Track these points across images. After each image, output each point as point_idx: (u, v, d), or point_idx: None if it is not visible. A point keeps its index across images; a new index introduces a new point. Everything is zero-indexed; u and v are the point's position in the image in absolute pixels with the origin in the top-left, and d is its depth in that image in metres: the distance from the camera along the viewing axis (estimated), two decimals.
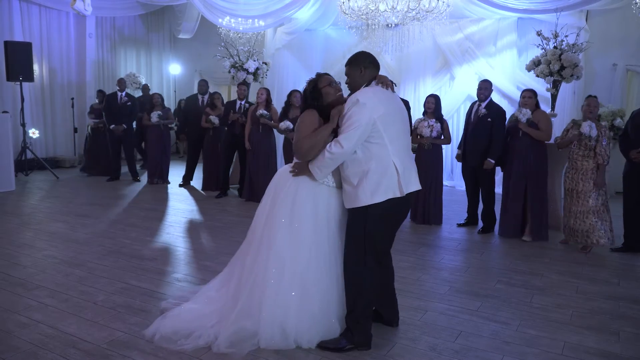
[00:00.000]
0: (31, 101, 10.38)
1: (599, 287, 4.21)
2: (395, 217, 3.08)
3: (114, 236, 5.54)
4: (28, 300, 3.71)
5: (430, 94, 6.38)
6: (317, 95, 3.13)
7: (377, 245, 2.99)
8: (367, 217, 2.92)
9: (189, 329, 3.12)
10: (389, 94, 3.08)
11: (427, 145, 6.08)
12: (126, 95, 9.12)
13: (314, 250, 3.04)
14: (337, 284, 3.09)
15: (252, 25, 9.80)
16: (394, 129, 2.97)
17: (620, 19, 8.09)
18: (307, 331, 3.00)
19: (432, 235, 5.82)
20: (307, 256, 3.04)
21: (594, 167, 5.13)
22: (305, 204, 3.07)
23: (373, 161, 2.91)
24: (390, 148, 2.93)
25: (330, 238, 3.10)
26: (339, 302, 3.09)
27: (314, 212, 3.08)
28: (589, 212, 5.12)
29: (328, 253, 3.08)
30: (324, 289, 3.05)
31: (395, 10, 7.41)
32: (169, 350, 2.98)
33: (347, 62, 3.15)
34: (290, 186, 3.12)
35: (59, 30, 11.11)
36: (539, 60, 6.63)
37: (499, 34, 8.92)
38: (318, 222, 3.08)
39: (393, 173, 2.93)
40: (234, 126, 7.62)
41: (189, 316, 3.25)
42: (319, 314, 3.04)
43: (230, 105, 7.79)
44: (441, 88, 9.45)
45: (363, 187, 2.91)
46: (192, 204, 7.45)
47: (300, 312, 3.00)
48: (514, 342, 3.19)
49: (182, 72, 13.37)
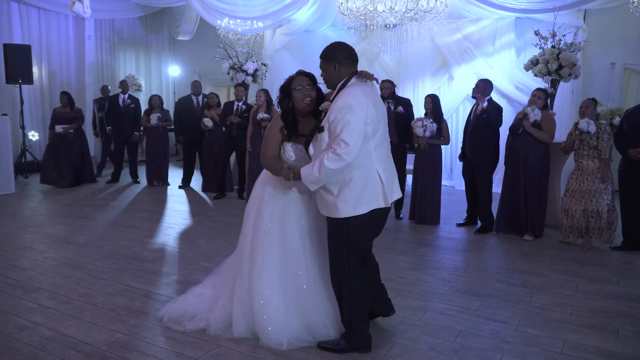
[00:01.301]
0: (30, 104, 10.40)
1: (598, 285, 4.21)
2: (378, 222, 2.98)
3: (113, 238, 5.54)
4: (28, 302, 3.72)
5: (428, 94, 6.38)
6: (286, 94, 3.04)
7: (360, 249, 2.91)
8: (348, 227, 2.80)
9: (193, 312, 3.31)
10: (376, 94, 2.94)
11: (423, 145, 6.08)
12: (129, 98, 9.10)
13: (282, 251, 3.06)
14: (318, 286, 3.09)
15: (251, 27, 9.81)
16: (379, 133, 2.83)
17: (618, 18, 8.09)
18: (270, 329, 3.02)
19: (432, 235, 5.82)
20: (277, 256, 3.06)
21: (599, 167, 5.14)
22: (269, 205, 3.10)
23: (356, 170, 2.74)
24: (374, 155, 2.78)
25: (305, 240, 3.08)
26: (323, 305, 3.09)
27: (279, 213, 3.08)
28: (605, 210, 5.12)
29: (301, 255, 3.07)
30: (296, 290, 3.05)
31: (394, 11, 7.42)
32: (169, 352, 2.99)
33: (321, 54, 2.91)
34: (258, 188, 3.23)
35: (58, 33, 11.12)
36: (537, 60, 6.64)
37: (497, 33, 8.93)
38: (285, 224, 3.07)
39: (377, 182, 2.80)
40: (231, 128, 7.62)
41: (196, 299, 3.42)
42: (289, 315, 3.04)
43: (228, 107, 7.79)
44: (440, 88, 9.46)
45: (344, 197, 2.75)
46: (191, 205, 7.46)
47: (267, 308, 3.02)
48: (514, 341, 3.19)
49: (182, 74, 13.37)
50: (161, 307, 3.59)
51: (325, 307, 3.10)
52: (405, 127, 6.30)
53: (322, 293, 3.10)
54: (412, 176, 6.38)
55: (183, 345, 3.08)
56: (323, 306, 3.10)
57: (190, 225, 6.23)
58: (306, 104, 3.00)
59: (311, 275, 3.09)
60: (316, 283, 3.09)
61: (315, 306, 3.08)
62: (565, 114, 8.13)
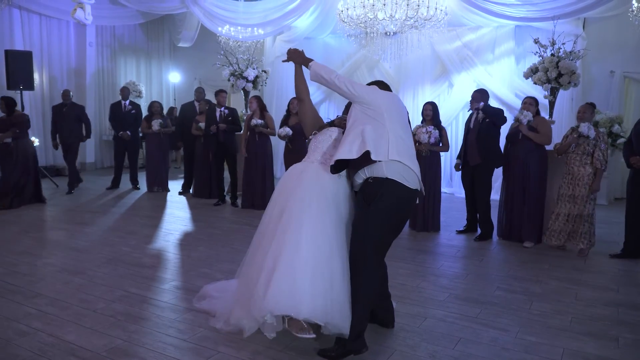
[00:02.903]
0: (31, 110, 10.41)
1: (598, 293, 4.21)
2: (401, 213, 3.02)
3: (113, 244, 5.54)
4: (27, 308, 3.72)
5: (427, 102, 6.41)
6: None
7: (381, 242, 2.97)
8: (371, 211, 2.91)
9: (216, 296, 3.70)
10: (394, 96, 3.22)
11: (424, 152, 6.10)
12: (130, 104, 9.17)
13: (330, 236, 3.03)
14: (340, 274, 3.00)
15: (252, 34, 9.86)
16: (397, 123, 3.03)
17: (617, 26, 8.14)
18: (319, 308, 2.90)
19: (431, 242, 5.82)
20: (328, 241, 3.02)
21: (590, 173, 5.18)
22: (323, 191, 3.11)
23: (390, 133, 2.95)
24: (409, 147, 3.06)
25: (337, 226, 3.08)
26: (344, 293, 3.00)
27: (325, 199, 3.08)
28: (587, 215, 5.20)
29: (336, 240, 3.04)
30: (331, 275, 2.97)
31: (394, 19, 7.45)
32: (169, 358, 2.99)
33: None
34: (312, 178, 3.15)
35: (59, 39, 11.17)
36: (537, 68, 6.65)
37: (496, 41, 8.97)
38: (330, 210, 3.09)
39: (412, 170, 2.99)
40: (218, 134, 7.62)
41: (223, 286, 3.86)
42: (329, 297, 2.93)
43: (211, 113, 7.76)
44: (440, 95, 9.50)
45: (382, 145, 2.91)
46: (190, 211, 7.46)
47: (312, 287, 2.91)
48: (514, 348, 3.19)
49: (182, 80, 13.41)
50: (161, 313, 3.60)
51: (343, 300, 2.98)
52: None
53: (345, 286, 3.01)
54: None
55: (183, 352, 3.08)
56: (344, 297, 2.99)
57: (190, 232, 6.24)
58: None
59: (338, 265, 3.01)
60: (343, 273, 3.01)
61: (339, 294, 2.97)
62: (564, 121, 8.15)
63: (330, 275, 2.93)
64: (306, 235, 2.96)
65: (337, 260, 2.98)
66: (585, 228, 5.22)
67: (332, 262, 2.96)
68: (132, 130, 9.05)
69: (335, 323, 2.90)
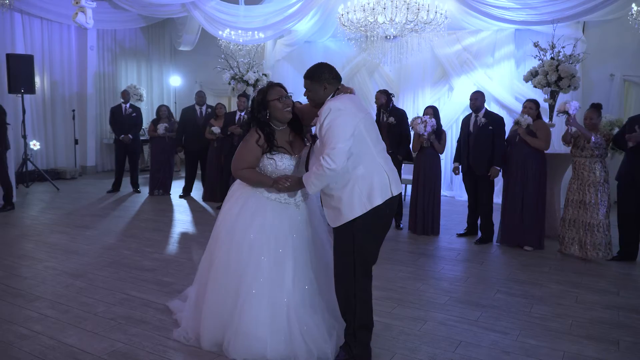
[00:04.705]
0: (32, 113, 10.44)
1: (598, 296, 4.22)
2: (383, 223, 2.97)
3: (114, 247, 5.55)
4: (28, 311, 3.72)
5: (428, 106, 6.44)
6: (263, 107, 3.06)
7: (367, 258, 2.92)
8: (354, 229, 2.83)
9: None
10: (360, 100, 3.08)
11: (425, 142, 6.12)
12: (130, 107, 9.19)
13: (261, 262, 3.01)
14: (311, 298, 3.07)
15: (252, 37, 9.88)
16: (374, 133, 2.93)
17: (617, 30, 8.15)
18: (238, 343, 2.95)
19: (432, 246, 5.83)
20: (254, 268, 3.00)
21: (600, 180, 5.15)
22: (249, 216, 3.06)
23: (361, 165, 2.82)
24: (374, 150, 2.87)
25: (295, 251, 3.07)
26: (317, 326, 3.03)
27: (260, 225, 3.04)
28: (600, 225, 5.14)
29: (290, 270, 3.03)
30: (275, 302, 2.99)
31: (394, 23, 7.46)
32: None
33: (307, 75, 3.00)
34: (238, 199, 3.14)
35: (60, 43, 11.19)
36: (537, 71, 6.69)
37: (496, 45, 8.99)
38: (267, 235, 3.04)
39: (383, 174, 2.87)
40: (233, 138, 7.66)
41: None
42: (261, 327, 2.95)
43: (230, 117, 7.83)
44: (440, 99, 9.51)
45: (359, 193, 2.80)
46: (192, 215, 7.47)
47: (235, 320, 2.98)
48: (514, 352, 3.20)
49: (183, 84, 13.44)
50: (162, 316, 3.60)
51: (311, 331, 3.01)
52: (397, 137, 6.34)
53: (314, 312, 3.07)
54: (412, 186, 6.39)
55: (184, 355, 3.08)
56: (317, 327, 3.03)
57: (191, 235, 6.24)
58: (287, 112, 3.09)
59: (299, 292, 3.05)
60: (308, 300, 3.07)
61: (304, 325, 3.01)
62: (564, 125, 8.13)
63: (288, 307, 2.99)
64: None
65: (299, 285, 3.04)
66: (598, 239, 5.13)
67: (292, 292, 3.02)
68: (132, 134, 9.06)
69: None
